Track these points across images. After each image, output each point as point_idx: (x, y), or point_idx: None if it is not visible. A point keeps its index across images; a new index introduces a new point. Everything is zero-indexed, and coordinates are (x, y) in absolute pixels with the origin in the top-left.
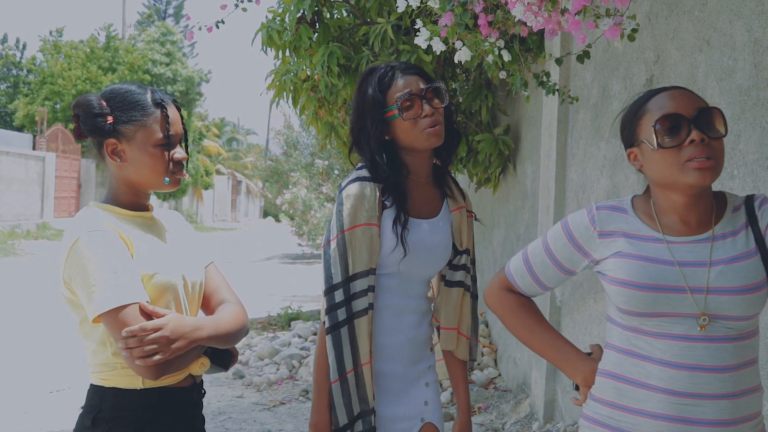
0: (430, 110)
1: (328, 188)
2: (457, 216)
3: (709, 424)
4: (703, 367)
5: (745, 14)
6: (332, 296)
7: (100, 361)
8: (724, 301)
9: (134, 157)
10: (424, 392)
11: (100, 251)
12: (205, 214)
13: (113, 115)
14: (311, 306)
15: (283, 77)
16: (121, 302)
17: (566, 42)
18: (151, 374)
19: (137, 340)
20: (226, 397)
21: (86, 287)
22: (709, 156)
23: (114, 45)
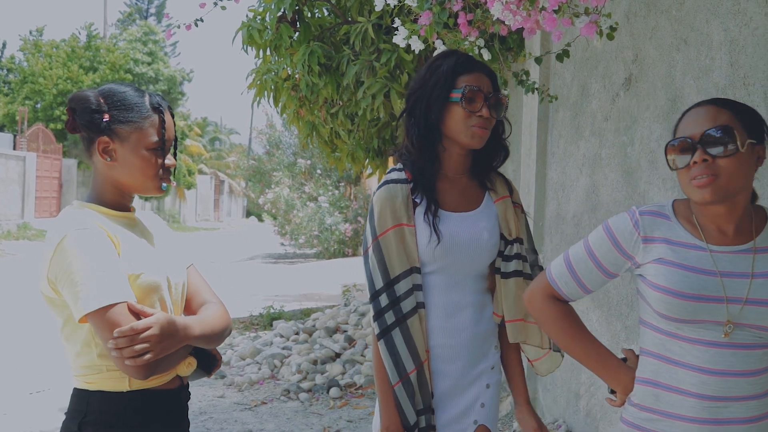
0: (487, 113)
1: (311, 188)
2: (501, 206)
3: (738, 422)
4: (732, 372)
5: (721, 14)
6: (378, 302)
7: (84, 364)
8: (761, 312)
9: (125, 158)
10: (483, 394)
11: (87, 250)
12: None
13: (110, 113)
14: (293, 306)
15: (264, 76)
16: (109, 301)
17: (546, 41)
18: (140, 374)
19: (128, 339)
20: (207, 397)
21: (72, 286)
22: (710, 174)
23: (95, 44)
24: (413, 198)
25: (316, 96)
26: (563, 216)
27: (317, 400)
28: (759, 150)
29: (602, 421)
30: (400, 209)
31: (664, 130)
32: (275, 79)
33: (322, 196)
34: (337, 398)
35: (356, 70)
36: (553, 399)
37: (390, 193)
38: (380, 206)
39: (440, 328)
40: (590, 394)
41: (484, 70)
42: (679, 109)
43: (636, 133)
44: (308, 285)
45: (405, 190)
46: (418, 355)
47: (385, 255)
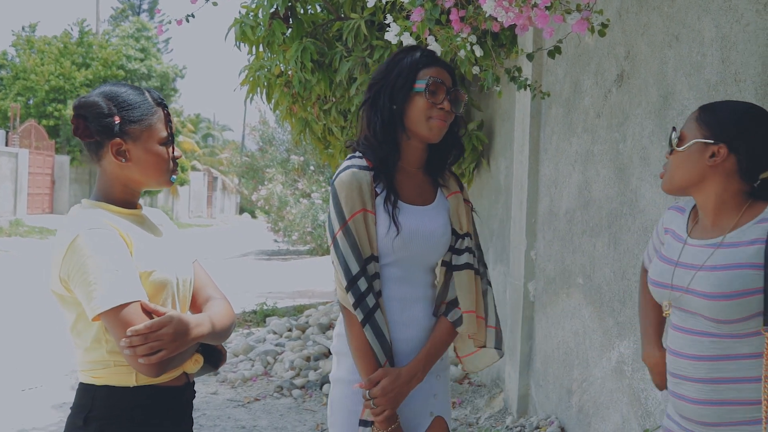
0: (448, 105)
1: (304, 184)
2: (453, 201)
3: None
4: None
5: (713, 10)
6: (356, 287)
7: (92, 359)
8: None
9: (139, 157)
10: (434, 385)
11: (100, 249)
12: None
13: (120, 115)
14: (286, 302)
15: (256, 73)
16: (122, 300)
17: (538, 38)
18: (152, 372)
19: (141, 338)
20: (200, 394)
21: (86, 285)
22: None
23: (88, 40)
24: (375, 187)
25: (309, 92)
26: (555, 212)
27: (310, 397)
28: (715, 148)
29: (594, 417)
30: (366, 194)
31: (656, 127)
32: (268, 76)
33: (316, 192)
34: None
35: (349, 66)
36: (546, 395)
37: (355, 177)
38: (347, 189)
39: (396, 322)
40: (582, 390)
41: (445, 66)
42: (671, 105)
43: (628, 129)
44: (301, 282)
45: (368, 177)
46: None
47: (356, 237)
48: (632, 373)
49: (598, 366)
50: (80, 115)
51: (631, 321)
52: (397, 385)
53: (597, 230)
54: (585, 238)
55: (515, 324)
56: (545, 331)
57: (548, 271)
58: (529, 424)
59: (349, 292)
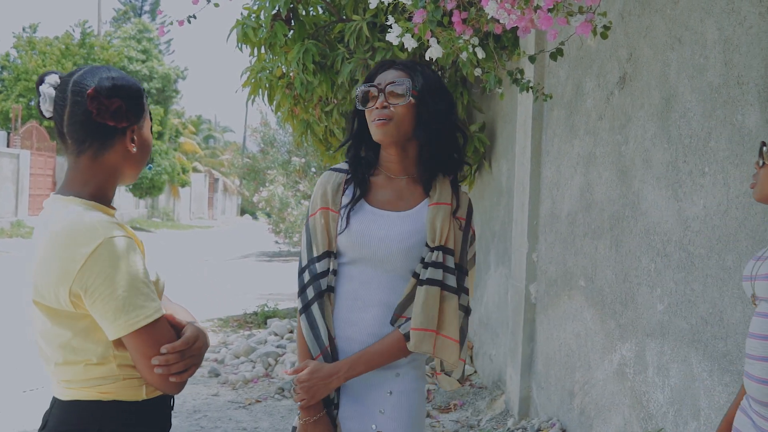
0: (380, 104)
1: (305, 186)
2: (432, 211)
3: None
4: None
5: (715, 13)
6: (302, 278)
7: (99, 375)
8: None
9: (141, 145)
10: (383, 400)
11: (126, 259)
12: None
13: (128, 102)
14: (288, 304)
15: (258, 74)
16: (156, 316)
17: (541, 40)
18: (179, 388)
19: (179, 355)
20: (202, 396)
21: (113, 300)
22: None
23: (89, 42)
24: (345, 187)
25: (311, 94)
26: (557, 215)
27: None
28: None
29: (596, 419)
30: (329, 194)
31: (659, 129)
32: (270, 77)
33: None
34: None
35: (351, 68)
36: (548, 397)
37: (325, 178)
38: (316, 188)
39: (343, 320)
40: (584, 392)
41: (384, 66)
42: (673, 108)
43: (630, 131)
44: None
45: (340, 178)
46: (332, 332)
47: (312, 234)
48: (634, 375)
49: (599, 368)
50: (118, 95)
51: (632, 323)
52: (315, 378)
53: (599, 233)
54: (587, 240)
55: (517, 326)
56: (547, 334)
57: (550, 273)
58: (530, 427)
59: (297, 280)
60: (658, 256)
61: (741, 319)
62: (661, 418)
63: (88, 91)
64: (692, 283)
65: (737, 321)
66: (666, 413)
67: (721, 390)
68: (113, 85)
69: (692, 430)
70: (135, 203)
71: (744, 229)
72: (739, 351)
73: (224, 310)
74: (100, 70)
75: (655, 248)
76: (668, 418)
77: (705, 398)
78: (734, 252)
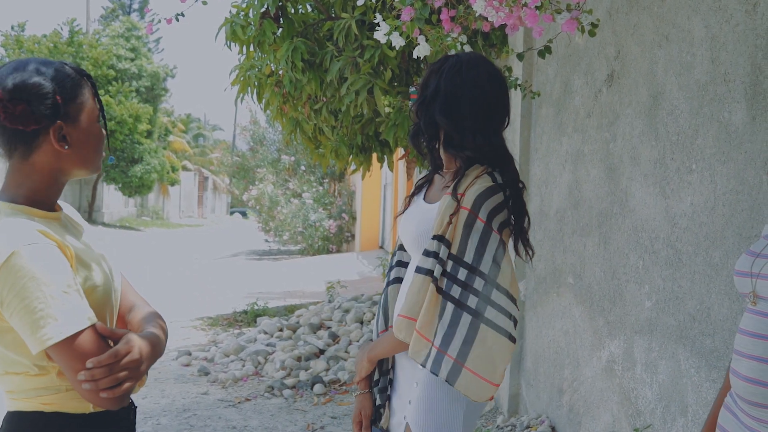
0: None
1: (295, 184)
2: (444, 200)
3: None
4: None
5: (702, 10)
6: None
7: (38, 385)
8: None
9: (80, 140)
10: (412, 391)
11: (42, 269)
12: (171, 210)
13: (60, 94)
14: (277, 302)
15: (247, 73)
16: (77, 328)
17: (529, 37)
18: (114, 404)
19: (106, 369)
20: (191, 394)
21: (28, 313)
22: None
23: (78, 40)
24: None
25: (300, 92)
26: (546, 212)
27: (301, 397)
28: None
29: (585, 416)
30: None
31: (646, 126)
32: (258, 76)
33: (307, 192)
34: (321, 395)
35: (340, 66)
36: (536, 394)
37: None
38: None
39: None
40: (573, 389)
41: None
42: (660, 105)
43: (618, 129)
44: (292, 281)
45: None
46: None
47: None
48: (622, 372)
49: (588, 365)
50: (21, 98)
51: (621, 320)
52: (358, 356)
53: (587, 230)
54: (575, 237)
55: None
56: (536, 331)
57: (539, 270)
58: (519, 424)
59: None
60: (646, 253)
61: (728, 315)
62: (650, 415)
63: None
64: (680, 279)
65: (724, 317)
66: (654, 410)
67: (708, 386)
68: (14, 88)
69: (680, 426)
70: (124, 202)
71: (731, 226)
72: (726, 347)
73: (214, 309)
74: (12, 68)
75: (643, 245)
76: (656, 415)
77: (693, 394)
78: (721, 249)
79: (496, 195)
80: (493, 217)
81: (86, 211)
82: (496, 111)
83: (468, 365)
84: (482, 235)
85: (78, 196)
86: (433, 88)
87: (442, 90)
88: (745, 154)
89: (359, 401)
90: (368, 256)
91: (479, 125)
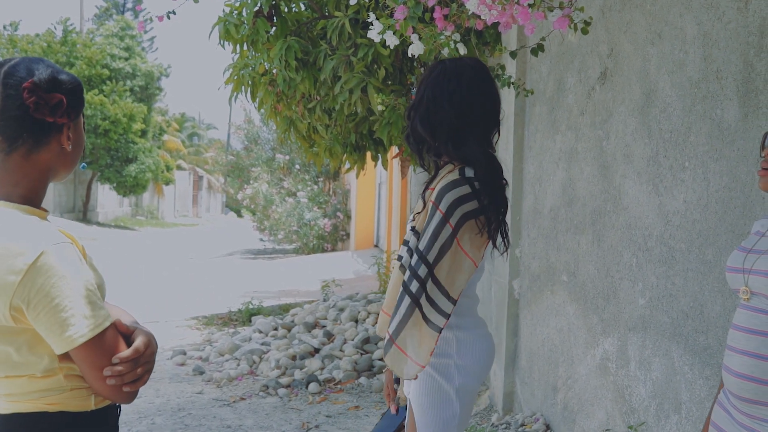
0: None
1: (290, 183)
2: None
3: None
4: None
5: (694, 8)
6: None
7: (44, 387)
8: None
9: (76, 140)
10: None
11: (70, 268)
12: (166, 209)
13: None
14: (272, 301)
15: (241, 71)
16: (104, 325)
17: (522, 35)
18: (132, 398)
19: (131, 364)
20: (186, 394)
21: (58, 312)
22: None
23: (71, 39)
24: None
25: (294, 91)
26: (540, 210)
27: (296, 396)
28: None
29: (579, 413)
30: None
31: (639, 124)
32: (252, 74)
33: (301, 191)
34: (315, 393)
35: (333, 64)
36: (531, 392)
37: None
38: None
39: None
40: (567, 387)
41: None
42: (653, 103)
43: (611, 127)
44: (287, 281)
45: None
46: None
47: None
48: (616, 369)
49: (582, 363)
50: (58, 90)
51: (614, 318)
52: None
53: (581, 228)
54: (569, 235)
55: (500, 322)
56: (530, 329)
57: (533, 268)
58: (514, 422)
59: None
60: (640, 251)
61: (721, 312)
62: (644, 412)
63: (25, 84)
64: (673, 277)
65: (717, 314)
66: (648, 407)
67: (702, 383)
68: (52, 78)
69: (674, 423)
70: (119, 201)
71: (723, 224)
72: (719, 344)
73: (209, 308)
74: (34, 61)
75: (637, 243)
76: (650, 412)
77: (686, 392)
78: (714, 246)
79: (460, 187)
80: (454, 209)
81: (81, 210)
82: (476, 119)
83: (398, 343)
84: (437, 226)
85: (72, 196)
86: (419, 96)
87: (424, 98)
88: (737, 152)
89: (386, 376)
90: (363, 254)
91: (455, 134)
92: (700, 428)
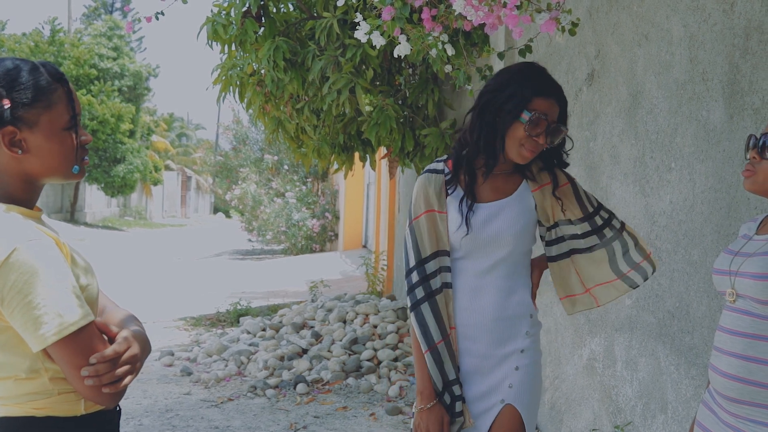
0: (543, 140)
1: (278, 183)
2: (539, 195)
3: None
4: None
5: (681, 10)
6: (410, 278)
7: (30, 390)
8: (744, 282)
9: (39, 146)
10: (511, 375)
11: (44, 264)
12: (154, 210)
13: (10, 97)
14: (260, 302)
15: (229, 72)
16: (80, 324)
17: (510, 36)
18: (114, 401)
19: (109, 364)
20: (174, 395)
21: (30, 309)
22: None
23: (59, 39)
24: (447, 188)
25: (282, 91)
26: None
27: (284, 396)
28: None
29: (566, 413)
30: (432, 197)
31: (626, 125)
32: (240, 75)
33: (290, 191)
34: (303, 394)
35: (321, 65)
36: None
37: (426, 181)
38: (416, 193)
39: (464, 309)
40: (555, 387)
41: (559, 97)
42: (640, 104)
43: (598, 127)
44: (275, 281)
45: (440, 180)
46: (445, 329)
47: (417, 237)
48: (603, 369)
49: (569, 363)
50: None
51: (601, 318)
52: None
53: None
54: None
55: None
56: None
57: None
58: None
59: (406, 280)
60: None
61: (707, 313)
62: (630, 412)
63: None
64: (659, 277)
65: (703, 315)
66: (634, 407)
67: (687, 383)
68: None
69: (660, 423)
70: (107, 202)
71: (709, 224)
72: (705, 344)
73: (197, 309)
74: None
75: None
76: (637, 412)
77: (672, 391)
78: (700, 247)
79: None
80: None
81: (68, 211)
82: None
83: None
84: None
85: (60, 196)
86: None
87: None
88: (723, 153)
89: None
90: (351, 255)
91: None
92: (687, 428)
